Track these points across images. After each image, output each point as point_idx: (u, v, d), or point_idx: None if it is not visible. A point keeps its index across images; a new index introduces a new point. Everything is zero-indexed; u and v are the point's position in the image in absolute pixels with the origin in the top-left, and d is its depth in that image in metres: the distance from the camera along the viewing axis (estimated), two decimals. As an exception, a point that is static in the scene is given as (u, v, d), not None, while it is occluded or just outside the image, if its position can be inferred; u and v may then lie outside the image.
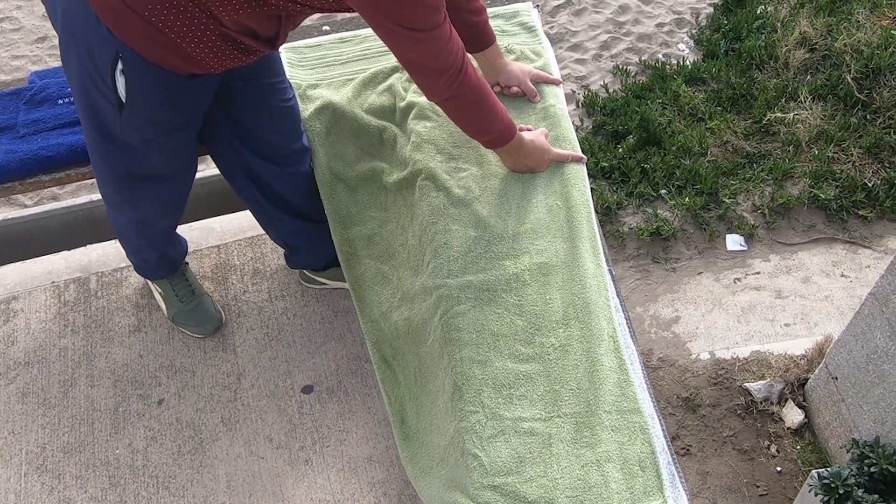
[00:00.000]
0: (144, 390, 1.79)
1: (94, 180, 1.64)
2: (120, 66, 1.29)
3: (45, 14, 3.89)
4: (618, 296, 1.56)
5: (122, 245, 1.80)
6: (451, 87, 1.38)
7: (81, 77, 1.36)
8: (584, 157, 1.68)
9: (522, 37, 1.89)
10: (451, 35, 1.33)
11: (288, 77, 1.69)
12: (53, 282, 1.98)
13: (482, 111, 1.47)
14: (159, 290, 1.87)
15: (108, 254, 2.03)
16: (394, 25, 1.26)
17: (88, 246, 2.05)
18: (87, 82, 1.36)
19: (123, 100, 1.34)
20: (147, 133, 1.44)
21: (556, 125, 1.71)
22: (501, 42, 1.71)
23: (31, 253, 2.07)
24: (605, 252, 1.60)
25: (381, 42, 1.89)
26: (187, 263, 1.90)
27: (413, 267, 1.65)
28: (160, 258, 1.79)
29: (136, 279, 1.97)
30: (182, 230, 2.00)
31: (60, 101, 1.85)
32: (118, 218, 1.68)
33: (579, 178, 1.63)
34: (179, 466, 1.68)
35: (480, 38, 1.64)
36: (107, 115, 1.40)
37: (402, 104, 1.77)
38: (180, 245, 1.85)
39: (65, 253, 2.04)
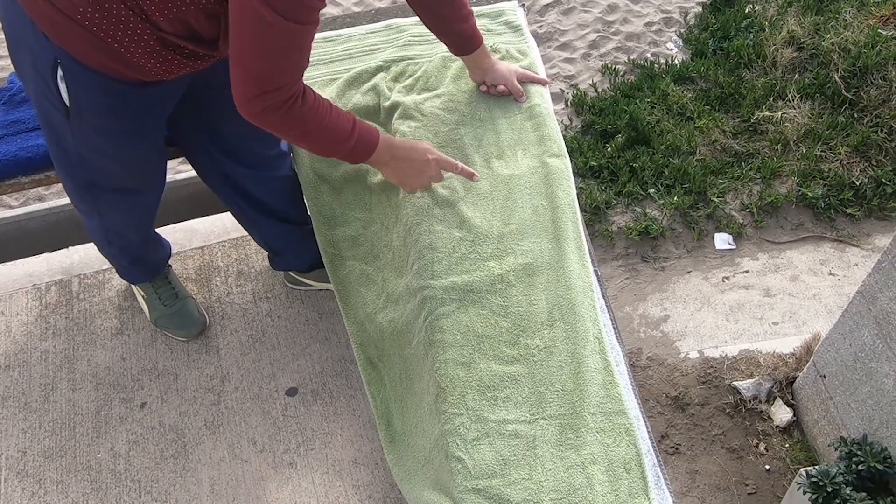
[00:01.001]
0: (127, 394, 1.77)
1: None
2: (60, 72, 1.24)
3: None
4: (603, 296, 1.55)
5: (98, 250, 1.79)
6: (261, 104, 1.20)
7: (34, 84, 1.31)
8: (474, 174, 1.53)
9: (508, 36, 1.88)
10: (306, 55, 1.18)
11: (270, 77, 1.67)
12: (35, 284, 1.95)
13: (310, 138, 1.32)
14: (142, 293, 1.85)
15: (91, 256, 2.00)
16: (260, 4, 1.08)
17: (70, 248, 2.03)
18: (37, 90, 1.31)
19: (68, 106, 1.29)
20: (99, 143, 1.38)
21: (541, 124, 1.70)
22: (487, 41, 1.70)
23: (12, 255, 2.04)
24: (590, 252, 1.59)
25: (365, 42, 1.90)
26: (170, 266, 1.88)
27: (398, 268, 1.63)
28: (135, 263, 1.77)
29: (118, 281, 1.95)
30: (165, 231, 1.98)
31: (40, 102, 1.83)
32: (89, 225, 1.66)
33: (564, 178, 1.62)
34: (162, 471, 1.66)
35: (470, 43, 1.62)
36: (58, 123, 1.35)
37: (387, 104, 1.75)
38: (161, 249, 1.83)
39: (46, 255, 2.01)
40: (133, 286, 1.88)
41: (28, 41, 1.24)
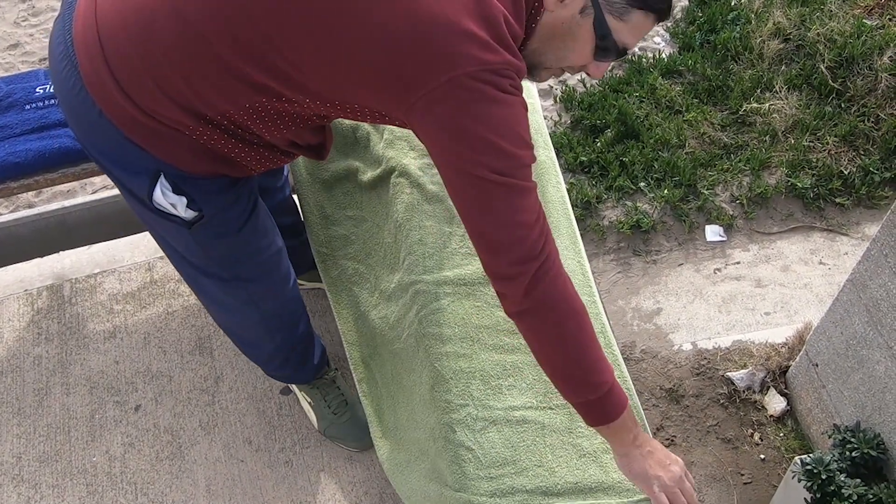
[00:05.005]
0: (121, 397, 1.77)
1: (69, 185, 1.61)
2: (184, 197, 1.22)
3: (17, 21, 3.84)
4: (596, 291, 1.56)
5: (253, 358, 1.63)
6: (523, 279, 1.08)
7: (152, 221, 1.30)
8: None
9: (495, 31, 1.88)
10: (538, 203, 1.09)
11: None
12: (26, 289, 1.95)
13: (569, 339, 1.11)
14: (308, 399, 1.72)
15: (82, 260, 2.00)
16: (484, 170, 1.02)
17: (61, 252, 2.02)
18: (158, 229, 1.33)
19: (190, 219, 1.26)
20: (233, 242, 1.37)
21: (529, 119, 1.70)
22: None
23: (3, 261, 2.04)
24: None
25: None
26: (337, 370, 1.76)
27: (390, 265, 1.63)
28: (297, 348, 1.63)
29: (110, 285, 1.94)
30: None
31: (28, 107, 1.82)
32: (244, 322, 1.53)
33: (552, 173, 1.63)
34: (158, 472, 1.66)
35: None
36: (186, 241, 1.33)
37: (375, 101, 1.75)
38: (316, 341, 1.72)
39: (37, 260, 2.01)
40: (299, 393, 1.74)
41: (122, 163, 1.21)
